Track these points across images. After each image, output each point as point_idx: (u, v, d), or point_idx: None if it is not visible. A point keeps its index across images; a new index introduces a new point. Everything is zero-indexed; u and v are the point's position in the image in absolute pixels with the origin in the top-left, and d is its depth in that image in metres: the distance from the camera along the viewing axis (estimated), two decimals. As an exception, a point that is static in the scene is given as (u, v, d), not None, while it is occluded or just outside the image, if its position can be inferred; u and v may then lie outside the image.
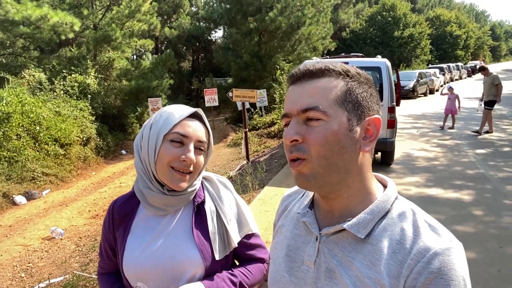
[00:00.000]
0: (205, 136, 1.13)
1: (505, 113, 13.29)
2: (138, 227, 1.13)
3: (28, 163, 8.34)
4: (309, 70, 0.78)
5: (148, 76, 15.15)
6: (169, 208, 1.12)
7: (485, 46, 58.94)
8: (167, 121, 1.09)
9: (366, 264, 0.73)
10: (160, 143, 1.07)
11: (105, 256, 1.23)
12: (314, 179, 0.76)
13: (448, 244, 0.70)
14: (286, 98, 0.81)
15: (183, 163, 1.06)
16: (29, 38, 13.68)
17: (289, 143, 0.76)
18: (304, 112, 0.75)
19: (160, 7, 22.95)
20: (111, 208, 1.21)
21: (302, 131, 0.75)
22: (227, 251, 1.14)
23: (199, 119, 1.14)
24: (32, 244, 5.39)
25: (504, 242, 3.83)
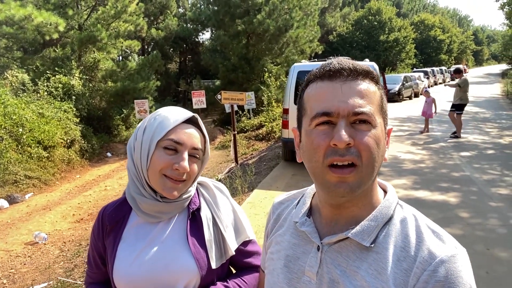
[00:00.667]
0: (200, 143, 1.08)
1: (488, 116, 13.56)
2: (130, 235, 1.08)
3: (11, 166, 8.13)
4: (356, 69, 0.73)
5: (134, 78, 14.97)
6: (163, 215, 1.07)
7: (468, 50, 60.24)
8: (161, 126, 1.04)
9: (371, 273, 0.71)
10: (153, 149, 1.03)
11: (93, 265, 1.18)
12: (358, 188, 0.71)
13: (453, 251, 0.69)
14: (322, 95, 0.73)
15: (176, 171, 1.02)
16: (12, 38, 13.39)
17: (343, 146, 0.68)
18: (355, 115, 0.70)
19: (147, 8, 22.75)
20: (101, 214, 1.15)
21: (353, 134, 0.69)
22: (223, 259, 1.10)
23: (195, 124, 1.09)
24: (15, 249, 5.24)
25: (491, 244, 3.88)
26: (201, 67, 23.82)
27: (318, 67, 0.77)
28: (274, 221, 0.95)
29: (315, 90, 0.75)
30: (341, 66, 0.73)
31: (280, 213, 0.95)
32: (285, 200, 0.97)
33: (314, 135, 0.72)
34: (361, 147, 0.69)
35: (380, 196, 0.80)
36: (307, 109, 0.76)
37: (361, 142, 0.69)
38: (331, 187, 0.71)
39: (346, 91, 0.71)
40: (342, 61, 0.74)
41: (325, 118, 0.71)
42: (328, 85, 0.73)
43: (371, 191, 0.77)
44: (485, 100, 18.89)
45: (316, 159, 0.72)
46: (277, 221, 0.94)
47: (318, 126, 0.72)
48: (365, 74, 0.74)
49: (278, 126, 10.72)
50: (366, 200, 0.77)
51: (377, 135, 0.71)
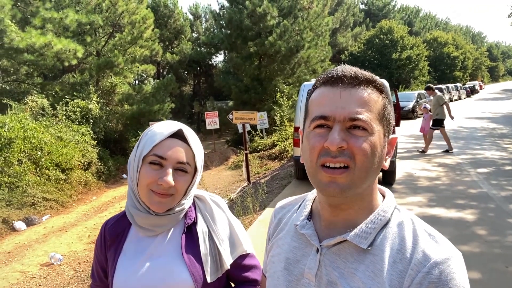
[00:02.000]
0: (186, 157, 1.06)
1: (506, 132, 13.30)
2: (129, 248, 1.11)
3: (29, 189, 8.32)
4: (358, 76, 0.75)
5: (150, 100, 15.32)
6: (157, 228, 1.09)
7: (483, 66, 59.63)
8: (148, 142, 1.06)
9: (368, 274, 0.73)
10: (140, 165, 1.05)
11: (97, 278, 1.21)
12: (349, 189, 0.73)
13: (448, 253, 0.70)
14: (323, 99, 0.76)
15: (161, 186, 1.03)
16: (32, 65, 13.95)
17: (335, 148, 0.71)
18: (351, 120, 0.73)
19: (162, 34, 23.43)
20: (103, 228, 1.19)
21: (347, 138, 0.72)
22: (219, 273, 1.10)
23: (182, 138, 1.08)
24: (31, 271, 5.31)
25: (510, 262, 3.75)
26: (215, 89, 24.21)
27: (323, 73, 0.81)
28: (275, 225, 0.97)
29: (317, 95, 0.79)
30: (343, 73, 0.76)
31: (282, 217, 0.97)
32: (287, 204, 0.99)
33: (311, 137, 0.76)
34: (355, 150, 0.72)
35: (379, 201, 0.82)
36: (309, 112, 0.80)
37: (354, 146, 0.72)
38: (323, 187, 0.74)
39: (345, 98, 0.74)
40: (345, 68, 0.77)
41: (322, 121, 0.74)
42: (329, 91, 0.76)
43: (368, 195, 0.79)
44: (502, 116, 18.56)
45: (311, 159, 0.75)
46: (278, 225, 0.96)
47: (316, 129, 0.75)
48: (367, 82, 0.76)
49: (291, 145, 10.73)
50: (363, 204, 0.78)
51: (373, 142, 0.73)
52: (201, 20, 31.88)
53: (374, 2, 43.67)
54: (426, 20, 55.80)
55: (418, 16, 52.46)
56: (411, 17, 49.56)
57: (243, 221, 5.43)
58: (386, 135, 0.78)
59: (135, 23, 15.07)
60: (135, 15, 15.15)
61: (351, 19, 34.41)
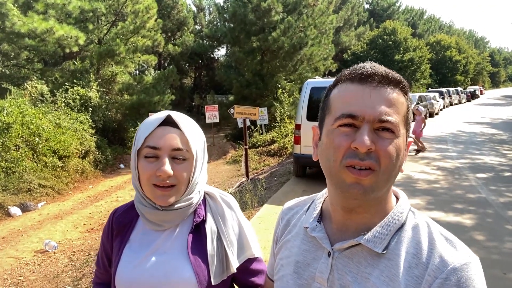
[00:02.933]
0: (180, 143, 1.00)
1: (505, 138, 13.31)
2: (135, 240, 1.08)
3: (25, 174, 8.26)
4: (389, 76, 0.72)
5: (150, 91, 15.23)
6: (165, 223, 1.05)
7: (484, 72, 59.68)
8: (140, 135, 1.02)
9: (383, 280, 0.70)
10: (137, 160, 1.01)
11: (101, 266, 1.18)
12: (372, 192, 0.71)
13: (466, 259, 0.68)
14: (350, 97, 0.72)
15: (160, 177, 0.98)
16: (33, 51, 13.84)
17: (364, 150, 0.68)
18: (381, 122, 0.69)
19: (165, 24, 23.29)
20: (111, 217, 1.16)
21: (375, 140, 0.69)
22: (224, 275, 1.06)
23: (173, 124, 1.02)
24: (25, 257, 5.28)
25: (507, 269, 3.75)
26: (216, 82, 24.14)
27: (349, 69, 0.77)
28: (283, 227, 0.94)
29: (343, 91, 0.75)
30: (374, 71, 0.72)
31: (290, 218, 0.94)
32: (295, 205, 0.96)
33: (335, 135, 0.72)
34: (381, 153, 0.69)
35: (393, 203, 0.79)
36: (332, 108, 0.75)
37: (381, 149, 0.69)
38: (346, 187, 0.71)
39: (375, 97, 0.71)
40: (375, 66, 0.74)
41: (349, 120, 0.71)
42: (357, 88, 0.72)
43: (384, 199, 0.76)
44: (502, 122, 18.59)
45: (334, 159, 0.71)
46: (286, 226, 0.93)
47: (341, 127, 0.72)
48: (396, 83, 0.73)
49: (290, 142, 10.70)
50: (379, 208, 0.76)
51: (399, 145, 0.71)
52: (204, 12, 31.71)
53: (379, 2, 43.51)
54: (430, 23, 55.69)
55: (422, 18, 52.32)
56: (415, 19, 49.43)
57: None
58: (407, 138, 0.76)
59: (138, 13, 14.95)
60: (138, 5, 15.02)
61: (355, 18, 34.27)
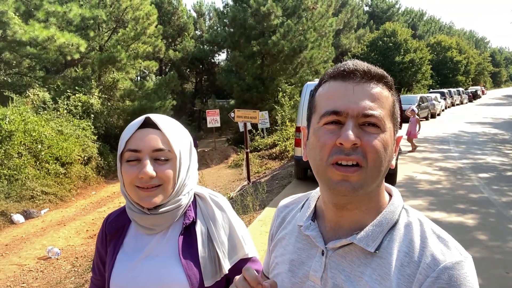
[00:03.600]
0: (161, 143, 0.99)
1: (508, 137, 13.27)
2: (129, 245, 1.08)
3: (28, 182, 8.30)
4: (371, 71, 0.73)
5: (151, 97, 15.30)
6: (156, 227, 1.05)
7: (485, 72, 59.55)
8: (121, 140, 1.02)
9: (375, 278, 0.70)
10: (120, 165, 1.02)
11: (97, 272, 1.19)
12: (361, 188, 0.70)
13: (458, 257, 0.67)
14: (334, 94, 0.73)
15: (142, 179, 0.97)
16: (35, 59, 13.92)
17: (349, 145, 0.68)
18: (365, 117, 0.70)
19: (165, 30, 23.41)
20: (104, 222, 1.16)
21: (360, 135, 0.69)
22: (217, 277, 1.05)
23: (153, 126, 1.01)
24: (28, 264, 5.29)
25: (510, 268, 3.73)
26: (216, 87, 24.20)
27: (332, 67, 0.78)
28: (278, 224, 0.94)
29: (327, 89, 0.75)
30: (356, 67, 0.73)
31: (285, 216, 0.94)
32: (290, 203, 0.96)
33: (321, 133, 0.72)
34: (367, 149, 0.69)
35: (386, 200, 0.78)
36: (317, 107, 0.76)
37: (368, 144, 0.69)
38: (333, 185, 0.71)
39: (358, 92, 0.71)
40: (357, 63, 0.74)
41: (334, 117, 0.71)
42: (340, 85, 0.73)
43: (376, 195, 0.76)
44: (504, 122, 18.54)
45: (320, 157, 0.71)
46: (281, 224, 0.93)
47: (326, 125, 0.72)
48: (379, 78, 0.73)
49: (291, 145, 10.70)
50: (370, 204, 0.75)
51: (385, 139, 0.71)
52: (204, 18, 31.84)
53: (379, 4, 43.59)
54: (430, 24, 55.68)
55: (422, 19, 52.32)
56: (415, 21, 49.44)
57: (242, 219, 5.40)
58: (395, 133, 0.75)
59: (138, 19, 15.05)
60: (139, 11, 15.13)
61: (355, 21, 34.35)
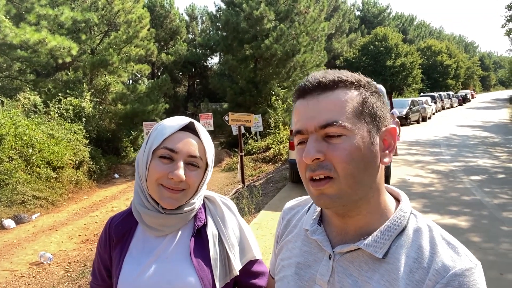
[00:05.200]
0: (198, 151, 1.03)
1: (498, 140, 13.45)
2: (136, 249, 1.06)
3: (19, 186, 8.18)
4: (321, 82, 0.72)
5: (144, 100, 15.21)
6: (166, 228, 1.04)
7: (475, 76, 60.37)
8: (158, 135, 1.02)
9: (383, 284, 0.70)
10: (150, 159, 1.02)
11: (98, 277, 1.16)
12: (339, 199, 0.71)
13: (468, 264, 0.67)
14: (297, 114, 0.75)
15: (172, 180, 0.98)
16: (26, 62, 13.75)
17: (310, 162, 0.69)
18: (323, 128, 0.70)
19: (158, 34, 23.34)
20: (107, 226, 1.14)
21: (323, 149, 0.69)
22: (228, 278, 1.06)
23: (193, 131, 1.05)
24: (20, 270, 5.20)
25: (504, 269, 3.77)
26: (209, 91, 24.15)
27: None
28: (284, 227, 0.94)
29: (294, 109, 0.78)
30: (307, 82, 0.74)
31: (290, 219, 0.94)
32: (296, 205, 0.96)
33: (297, 153, 0.76)
34: (333, 160, 0.69)
35: (391, 204, 0.78)
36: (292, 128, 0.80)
37: (333, 155, 0.69)
38: (315, 199, 0.74)
39: (312, 107, 0.72)
40: (314, 75, 0.74)
41: (299, 137, 0.74)
42: (301, 103, 0.74)
43: (373, 197, 0.75)
44: (493, 125, 18.79)
45: (302, 175, 0.75)
46: (287, 227, 0.93)
47: (299, 145, 0.75)
48: (334, 84, 0.72)
49: (285, 149, 10.72)
50: (370, 208, 0.75)
51: (354, 144, 0.69)
52: (197, 21, 31.83)
53: (370, 9, 44.01)
54: (420, 29, 56.34)
55: (412, 24, 52.95)
56: (405, 25, 50.01)
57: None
58: (374, 130, 0.72)
59: (131, 22, 14.97)
60: (131, 14, 15.06)
61: (347, 25, 34.64)
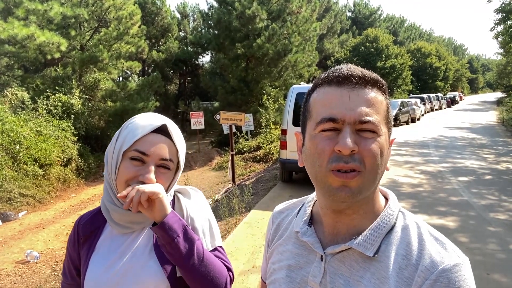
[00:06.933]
0: (170, 154, 1.02)
1: (485, 142, 13.65)
2: (103, 246, 1.06)
3: (5, 184, 8.04)
4: (366, 77, 0.72)
5: (134, 98, 15.10)
6: (134, 225, 1.04)
7: (463, 78, 61.22)
8: (129, 136, 1.00)
9: (374, 282, 0.70)
10: (120, 160, 1.00)
11: (68, 276, 1.14)
12: (360, 193, 0.70)
13: (456, 259, 0.68)
14: (327, 100, 0.72)
15: (141, 184, 0.96)
16: (13, 57, 13.56)
17: (348, 152, 0.68)
18: (361, 123, 0.69)
19: (149, 31, 23.17)
20: (76, 225, 1.12)
21: (357, 141, 0.69)
22: None
23: (166, 134, 1.03)
24: (5, 268, 5.12)
25: (490, 269, 3.83)
26: (200, 89, 24.09)
27: (326, 72, 0.77)
28: (274, 231, 0.94)
29: (322, 95, 0.74)
30: (351, 72, 0.72)
31: (280, 222, 0.93)
32: (285, 209, 0.96)
33: (318, 140, 0.71)
34: (364, 154, 0.69)
35: (382, 203, 0.79)
36: (313, 113, 0.75)
37: (364, 149, 0.69)
38: (333, 191, 0.70)
39: (353, 99, 0.70)
40: (351, 67, 0.74)
41: (330, 124, 0.70)
42: (335, 91, 0.72)
43: (372, 198, 0.76)
44: (481, 127, 19.07)
45: (319, 164, 0.71)
46: (277, 230, 0.93)
47: (323, 132, 0.71)
48: (374, 83, 0.73)
49: (276, 148, 10.73)
50: (368, 208, 0.76)
51: (382, 143, 0.71)
52: (188, 19, 31.68)
53: (361, 11, 44.31)
54: (411, 31, 56.94)
55: (403, 26, 53.46)
56: (396, 27, 50.46)
57: (228, 222, 5.38)
58: (389, 137, 0.76)
59: (121, 19, 14.85)
60: (122, 11, 14.93)
61: (338, 26, 34.81)
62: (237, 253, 4.22)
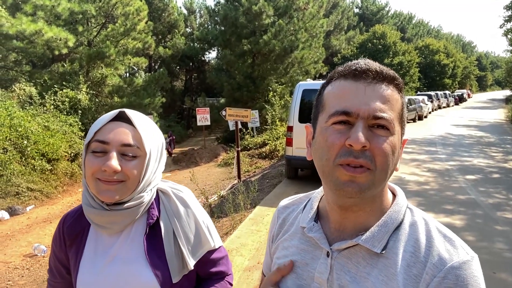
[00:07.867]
0: (132, 139, 0.97)
1: (493, 140, 13.52)
2: (90, 250, 1.04)
3: (13, 178, 8.13)
4: (383, 72, 0.71)
5: (140, 94, 15.17)
6: (114, 226, 1.00)
7: (471, 75, 60.57)
8: (91, 130, 0.98)
9: (381, 279, 0.69)
10: (85, 155, 0.97)
11: (56, 275, 1.11)
12: (368, 190, 0.69)
13: (465, 256, 0.67)
14: (343, 93, 0.71)
15: (105, 173, 0.93)
16: (21, 53, 13.66)
17: (359, 147, 0.66)
18: (375, 119, 0.68)
19: (155, 27, 23.21)
20: (61, 225, 1.09)
21: (369, 138, 0.67)
22: (185, 271, 1.05)
23: (127, 121, 0.99)
24: (13, 261, 5.18)
25: (497, 268, 3.80)
26: (207, 85, 24.10)
27: (343, 65, 0.75)
28: (279, 226, 0.93)
29: (337, 87, 0.73)
30: (368, 67, 0.71)
31: (286, 217, 0.92)
32: (291, 204, 0.94)
33: (329, 133, 0.70)
34: (376, 152, 0.67)
35: (389, 199, 0.77)
36: (326, 106, 0.73)
37: (376, 147, 0.67)
38: (340, 185, 0.69)
39: (369, 94, 0.69)
40: (369, 62, 0.72)
41: (343, 117, 0.69)
42: (351, 85, 0.71)
43: (380, 197, 0.75)
44: (489, 125, 18.88)
45: (328, 157, 0.69)
46: (282, 226, 0.92)
47: (335, 125, 0.70)
48: (391, 80, 0.72)
49: (282, 145, 10.72)
50: (375, 206, 0.75)
51: (394, 142, 0.69)
52: (195, 15, 31.67)
53: (369, 7, 44.00)
54: (419, 27, 56.42)
55: (411, 22, 53.02)
56: (404, 24, 50.06)
57: (233, 218, 5.39)
58: (402, 136, 0.74)
59: (128, 15, 14.89)
60: (128, 7, 14.97)
61: (345, 22, 34.58)
62: (242, 249, 4.23)
